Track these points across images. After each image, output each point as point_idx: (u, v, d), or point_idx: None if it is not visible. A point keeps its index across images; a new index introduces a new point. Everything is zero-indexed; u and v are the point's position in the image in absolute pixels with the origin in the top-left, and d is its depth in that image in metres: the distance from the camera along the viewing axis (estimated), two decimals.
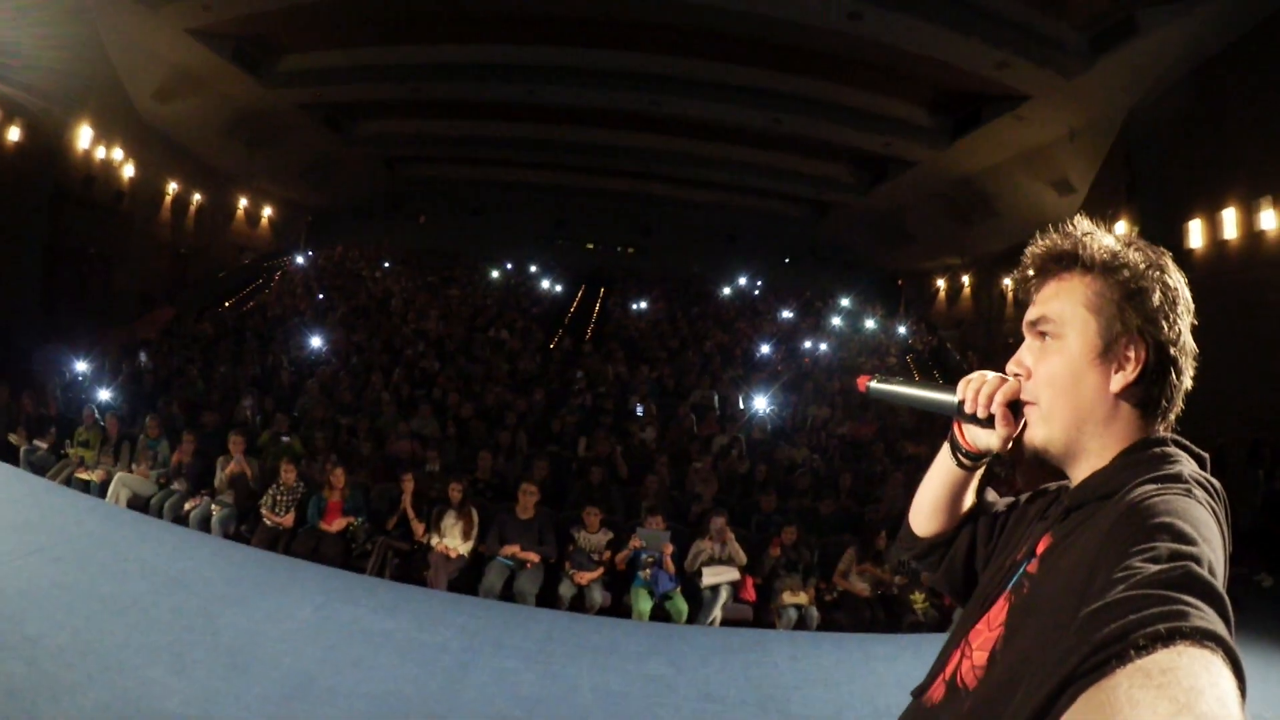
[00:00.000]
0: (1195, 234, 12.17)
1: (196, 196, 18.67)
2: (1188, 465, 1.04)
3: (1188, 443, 1.09)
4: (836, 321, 19.75)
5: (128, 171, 15.98)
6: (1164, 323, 1.08)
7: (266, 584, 5.40)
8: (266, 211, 22.04)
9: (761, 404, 12.31)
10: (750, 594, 7.10)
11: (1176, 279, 1.11)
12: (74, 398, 9.85)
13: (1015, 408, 1.17)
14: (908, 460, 10.66)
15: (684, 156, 20.68)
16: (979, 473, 1.37)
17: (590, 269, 22.25)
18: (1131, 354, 1.09)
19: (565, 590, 6.69)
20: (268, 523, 6.98)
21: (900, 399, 1.32)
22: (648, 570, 6.83)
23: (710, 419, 11.70)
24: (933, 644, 4.81)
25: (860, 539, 7.63)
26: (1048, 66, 12.42)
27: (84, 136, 14.46)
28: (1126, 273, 1.10)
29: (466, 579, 6.57)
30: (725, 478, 9.37)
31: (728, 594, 6.89)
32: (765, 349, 16.23)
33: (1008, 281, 18.21)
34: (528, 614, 5.99)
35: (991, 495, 1.44)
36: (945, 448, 1.36)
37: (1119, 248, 1.12)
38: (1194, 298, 1.12)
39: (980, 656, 1.09)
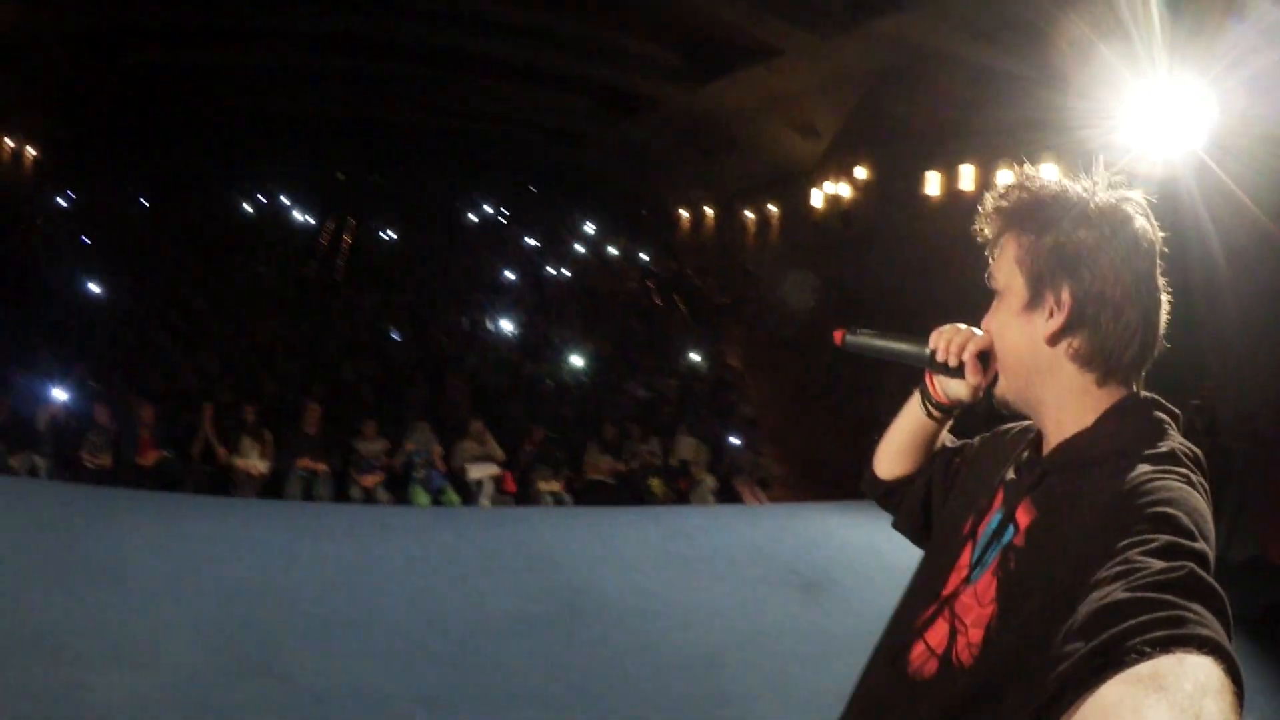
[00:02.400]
0: (933, 184, 12.73)
1: None
2: (1176, 437, 1.05)
3: (1162, 400, 1.10)
4: (579, 248, 21.21)
5: None
6: (1085, 271, 1.06)
7: (108, 513, 6.06)
8: (30, 151, 19.90)
9: (507, 325, 13.69)
10: (511, 486, 8.68)
11: (1115, 226, 1.07)
12: None
13: (985, 360, 1.20)
14: (640, 370, 12.64)
15: (432, 85, 20.78)
16: (947, 425, 1.42)
17: (340, 198, 22.24)
18: (1054, 302, 1.08)
19: (355, 494, 7.93)
20: (89, 465, 7.42)
21: (873, 351, 1.33)
22: (422, 471, 8.23)
23: (460, 340, 12.91)
24: (668, 514, 6.82)
25: (597, 434, 9.47)
26: (803, 26, 12.80)
27: None
28: (1046, 224, 1.10)
29: (269, 492, 7.63)
30: (478, 390, 10.73)
31: (491, 486, 8.45)
32: (509, 274, 17.33)
33: (749, 213, 19.80)
34: (329, 510, 7.21)
35: (946, 437, 1.46)
36: (915, 397, 1.39)
37: (1045, 199, 1.11)
38: (927, 237, 1.55)
39: (975, 634, 1.08)
